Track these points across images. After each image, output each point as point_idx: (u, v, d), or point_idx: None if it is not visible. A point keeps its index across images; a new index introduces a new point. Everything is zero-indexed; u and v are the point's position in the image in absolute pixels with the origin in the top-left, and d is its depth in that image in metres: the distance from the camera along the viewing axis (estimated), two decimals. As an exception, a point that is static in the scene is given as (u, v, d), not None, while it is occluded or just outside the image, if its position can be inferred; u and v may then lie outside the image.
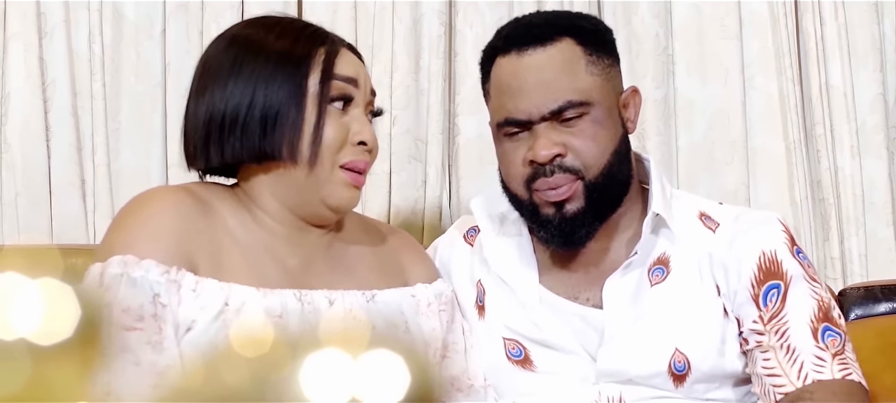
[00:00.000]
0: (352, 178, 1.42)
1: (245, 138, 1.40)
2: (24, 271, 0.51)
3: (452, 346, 1.53)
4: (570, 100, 1.48)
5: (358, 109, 1.44)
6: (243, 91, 1.40)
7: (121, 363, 1.24)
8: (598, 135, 1.49)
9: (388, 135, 2.12)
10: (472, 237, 1.67)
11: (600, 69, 1.52)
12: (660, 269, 1.52)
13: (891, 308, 1.87)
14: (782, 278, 1.49)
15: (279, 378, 0.48)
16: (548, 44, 1.50)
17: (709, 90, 2.17)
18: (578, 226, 1.51)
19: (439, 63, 2.14)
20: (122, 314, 1.28)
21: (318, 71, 1.41)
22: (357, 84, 1.43)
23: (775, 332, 1.47)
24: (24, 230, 2.04)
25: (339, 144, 1.41)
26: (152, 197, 1.41)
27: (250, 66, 1.41)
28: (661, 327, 1.49)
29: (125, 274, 1.30)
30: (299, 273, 1.43)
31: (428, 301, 1.51)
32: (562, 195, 1.49)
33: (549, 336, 1.53)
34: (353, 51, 1.49)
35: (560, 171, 1.48)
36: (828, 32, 2.15)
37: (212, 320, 1.32)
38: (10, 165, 2.06)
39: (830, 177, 2.14)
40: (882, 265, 2.13)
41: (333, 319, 1.40)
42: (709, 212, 1.57)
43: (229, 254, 1.39)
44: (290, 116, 1.38)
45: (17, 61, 2.07)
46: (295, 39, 1.43)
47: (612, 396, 1.49)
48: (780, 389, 1.45)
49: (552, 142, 1.48)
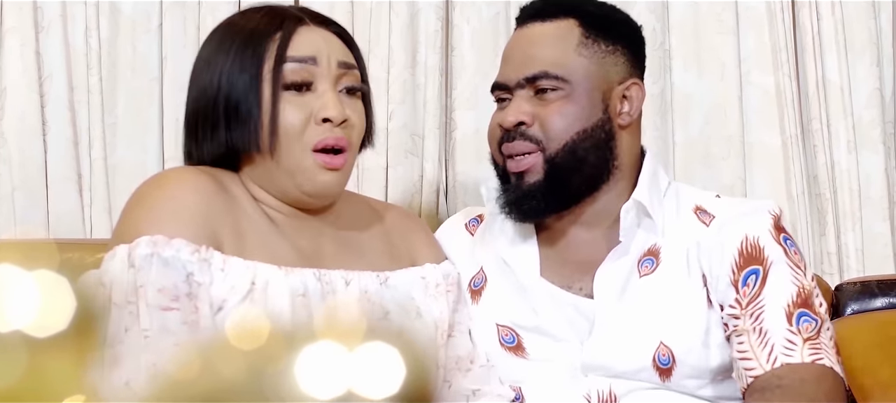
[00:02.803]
0: (325, 161, 1.38)
1: (214, 134, 1.39)
2: (21, 265, 0.51)
3: (458, 326, 1.53)
4: (545, 71, 1.51)
5: (324, 86, 1.39)
6: (209, 86, 1.40)
7: (163, 344, 1.23)
8: (566, 112, 1.51)
9: (385, 130, 2.12)
10: (473, 226, 1.69)
11: (592, 52, 1.53)
12: (649, 260, 1.53)
13: (887, 302, 1.88)
14: (762, 263, 1.48)
15: (283, 365, 0.48)
16: (548, 20, 1.55)
17: (705, 85, 2.17)
18: (532, 199, 1.52)
19: (436, 58, 2.14)
20: (158, 294, 1.26)
21: (272, 56, 1.38)
22: (316, 61, 1.39)
23: (751, 316, 1.46)
24: (21, 224, 2.04)
25: (300, 127, 1.37)
26: (172, 177, 1.40)
27: (217, 60, 1.40)
28: (646, 319, 1.49)
29: (156, 254, 1.28)
30: (312, 253, 1.43)
31: (436, 281, 1.51)
32: (522, 165, 1.53)
33: (545, 321, 1.54)
34: (324, 23, 1.44)
35: (521, 139, 1.52)
36: (824, 27, 2.15)
37: (241, 299, 1.31)
38: (7, 159, 2.06)
39: (827, 172, 2.14)
40: (878, 260, 2.13)
41: (350, 301, 1.40)
42: (705, 206, 1.57)
43: (248, 234, 1.38)
44: (249, 107, 1.37)
45: (14, 56, 2.07)
46: (254, 27, 1.41)
47: (602, 388, 1.49)
48: (751, 372, 1.44)
49: (521, 110, 1.52)
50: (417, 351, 0.48)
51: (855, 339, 1.66)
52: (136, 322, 1.25)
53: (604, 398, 1.49)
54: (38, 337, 0.50)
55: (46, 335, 0.50)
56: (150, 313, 1.25)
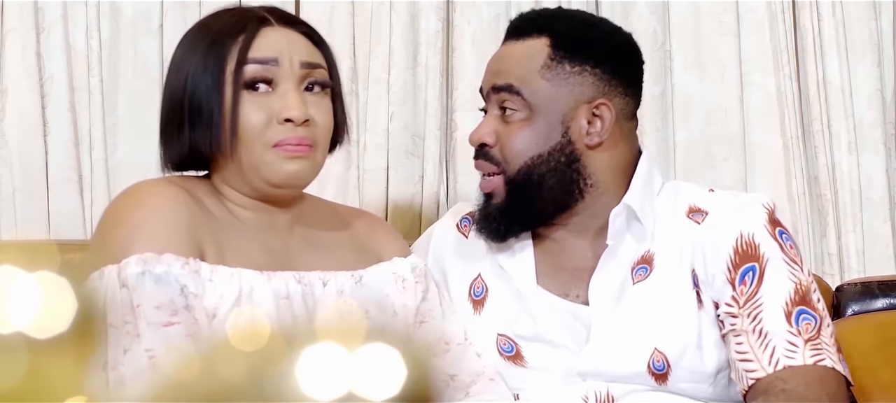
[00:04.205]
0: (287, 150, 1.38)
1: (180, 136, 1.40)
2: (22, 266, 0.51)
3: (428, 313, 1.53)
4: (510, 84, 1.53)
5: (286, 86, 1.38)
6: (177, 88, 1.40)
7: (170, 360, 1.22)
8: (523, 135, 1.52)
9: (386, 131, 2.12)
10: (465, 227, 1.67)
11: (555, 74, 1.52)
12: (643, 268, 1.52)
13: (888, 303, 1.87)
14: (758, 260, 1.47)
15: (284, 367, 0.48)
16: (522, 38, 1.56)
17: (706, 86, 2.17)
18: (494, 221, 1.55)
19: (437, 59, 2.14)
20: (156, 311, 1.26)
21: (234, 58, 1.38)
22: (278, 62, 1.38)
23: (748, 315, 1.45)
24: (22, 225, 2.04)
25: (261, 128, 1.37)
26: (148, 190, 1.39)
27: (185, 61, 1.41)
28: (640, 326, 1.49)
29: (148, 272, 1.27)
30: (282, 254, 1.43)
31: (403, 275, 1.52)
32: (487, 187, 1.56)
33: (543, 330, 1.53)
34: (290, 23, 1.44)
35: (484, 159, 1.55)
36: (825, 28, 2.15)
37: (231, 306, 1.31)
38: (8, 161, 2.05)
39: (828, 173, 2.14)
40: (879, 261, 2.13)
41: (328, 302, 1.40)
42: (698, 204, 1.55)
43: (223, 241, 1.38)
44: (211, 108, 1.37)
45: (15, 56, 2.07)
46: (220, 29, 1.41)
47: (600, 391, 1.49)
48: (752, 374, 1.43)
49: (485, 130, 1.55)
50: (418, 352, 0.48)
51: (855, 340, 1.66)
52: (136, 342, 1.24)
53: (601, 399, 1.49)
54: (38, 338, 0.50)
55: (47, 336, 0.50)
56: (152, 331, 1.25)
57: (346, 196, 2.11)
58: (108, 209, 1.41)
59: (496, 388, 1.53)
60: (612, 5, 2.16)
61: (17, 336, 0.50)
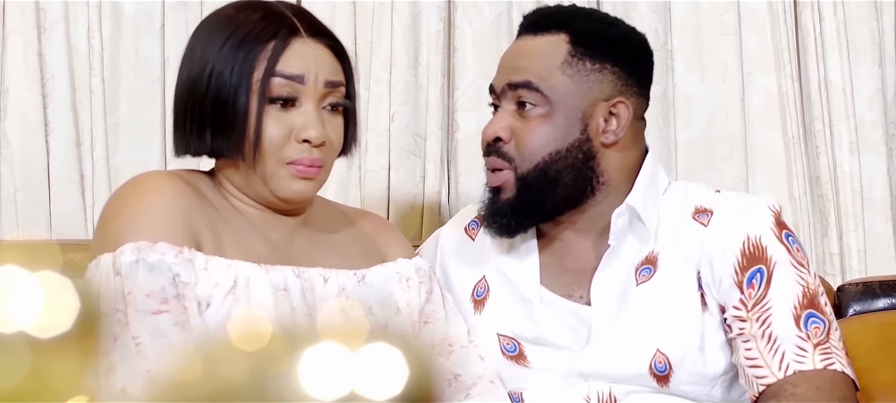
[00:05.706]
0: (299, 171, 1.39)
1: (201, 135, 1.40)
2: (24, 266, 0.51)
3: (432, 315, 1.53)
4: (528, 81, 1.51)
5: (307, 105, 1.39)
6: (198, 80, 1.40)
7: (157, 347, 1.24)
8: (542, 131, 1.51)
9: (387, 131, 2.12)
10: (473, 229, 1.67)
11: (576, 71, 1.52)
12: (647, 269, 1.52)
13: (889, 303, 1.87)
14: (766, 263, 1.46)
15: (286, 365, 0.48)
16: (540, 33, 1.55)
17: (708, 86, 2.17)
18: (504, 216, 1.53)
19: (438, 59, 2.14)
20: (146, 299, 1.27)
21: (262, 66, 1.38)
22: (304, 80, 1.39)
23: (757, 320, 1.44)
24: (23, 225, 2.04)
25: (280, 143, 1.38)
26: (147, 183, 1.40)
27: (209, 53, 1.40)
28: (643, 327, 1.49)
29: (141, 260, 1.29)
30: (284, 249, 1.44)
31: (408, 275, 1.52)
32: (496, 181, 1.54)
33: (545, 331, 1.53)
34: (318, 34, 1.43)
35: (496, 155, 1.53)
36: (827, 28, 2.15)
37: (224, 296, 1.32)
38: (9, 161, 2.06)
39: (829, 173, 2.14)
40: (880, 261, 2.13)
41: (328, 298, 1.41)
42: (704, 205, 1.55)
43: (223, 233, 1.40)
44: (236, 116, 1.37)
45: (16, 57, 2.07)
46: (249, 30, 1.40)
47: (602, 392, 1.49)
48: (762, 380, 1.43)
49: (501, 125, 1.53)
50: (420, 350, 0.48)
51: (857, 340, 1.66)
52: (125, 329, 1.26)
53: (604, 399, 1.49)
54: (40, 338, 0.50)
55: (49, 336, 0.51)
56: (139, 319, 1.26)
57: (347, 196, 2.11)
58: (109, 200, 1.42)
59: (495, 391, 1.53)
60: (614, 5, 2.16)
61: (19, 335, 0.50)
